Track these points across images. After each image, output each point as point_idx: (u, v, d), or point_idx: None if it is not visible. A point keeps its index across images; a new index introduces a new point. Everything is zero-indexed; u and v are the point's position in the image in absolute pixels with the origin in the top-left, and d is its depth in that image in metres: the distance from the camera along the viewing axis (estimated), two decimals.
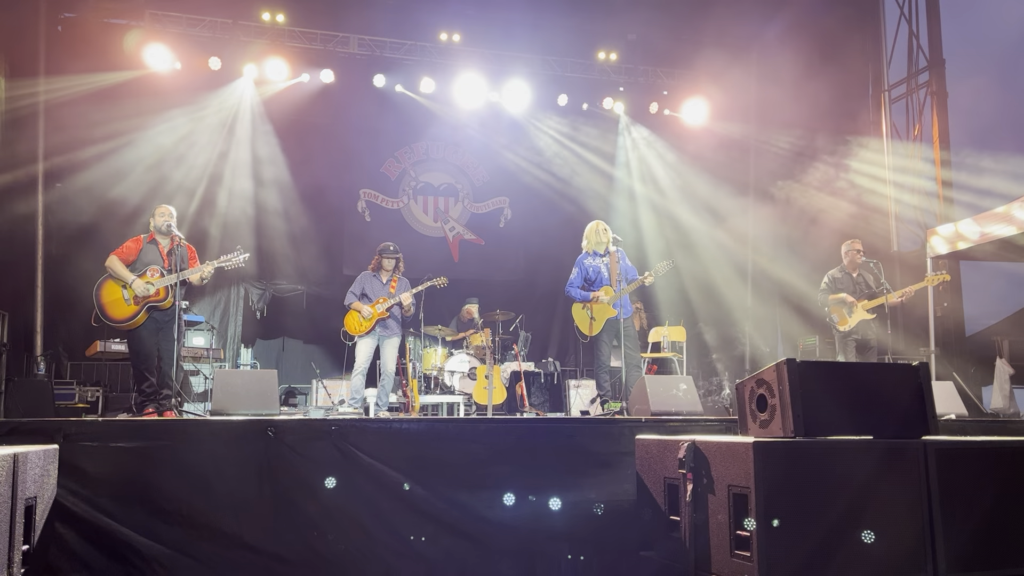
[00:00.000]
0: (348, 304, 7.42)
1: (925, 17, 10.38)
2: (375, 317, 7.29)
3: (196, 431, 4.29)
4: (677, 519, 3.56)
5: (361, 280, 7.54)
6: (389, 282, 7.47)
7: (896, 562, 3.19)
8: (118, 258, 5.97)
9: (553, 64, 11.10)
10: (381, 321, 7.31)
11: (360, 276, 7.59)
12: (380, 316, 7.29)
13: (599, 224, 7.04)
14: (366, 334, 7.30)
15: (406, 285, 7.55)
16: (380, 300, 7.34)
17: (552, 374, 9.66)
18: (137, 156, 9.45)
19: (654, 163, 11.83)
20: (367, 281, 7.50)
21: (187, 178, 9.73)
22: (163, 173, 9.60)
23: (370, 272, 7.55)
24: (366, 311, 7.30)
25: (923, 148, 10.25)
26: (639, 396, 5.63)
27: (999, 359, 8.82)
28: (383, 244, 7.62)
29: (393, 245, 7.59)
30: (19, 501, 3.19)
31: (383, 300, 7.33)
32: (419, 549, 4.17)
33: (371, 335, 7.32)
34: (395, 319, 7.43)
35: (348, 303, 7.42)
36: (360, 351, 7.33)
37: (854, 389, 3.49)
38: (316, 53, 10.25)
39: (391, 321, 7.38)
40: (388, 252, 7.50)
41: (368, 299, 7.40)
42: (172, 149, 9.75)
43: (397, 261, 7.53)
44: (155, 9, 9.67)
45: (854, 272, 7.74)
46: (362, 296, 7.43)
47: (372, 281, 7.49)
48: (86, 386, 8.36)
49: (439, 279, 7.63)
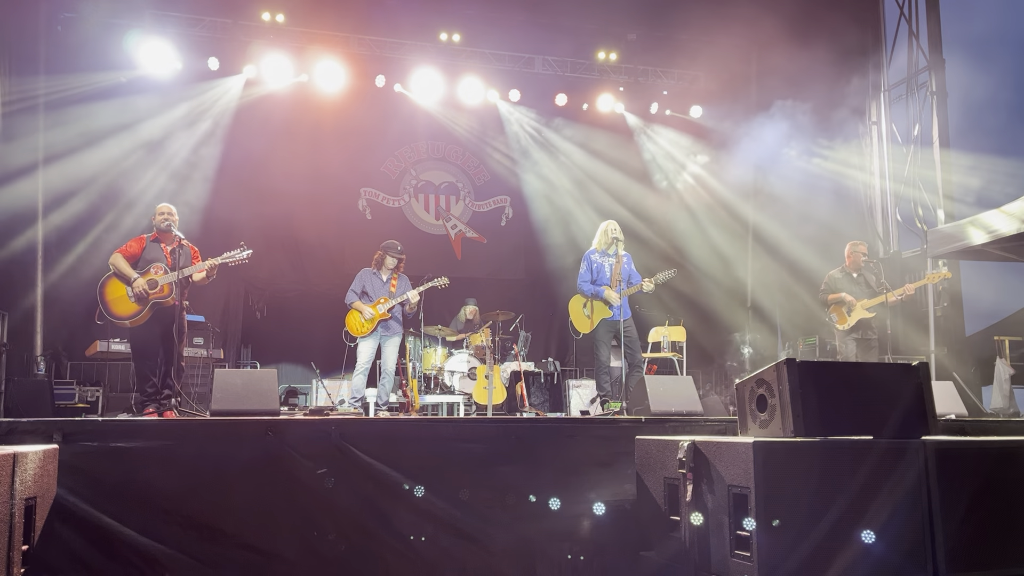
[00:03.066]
0: (349, 303, 7.39)
1: (925, 17, 10.37)
2: (377, 319, 7.27)
3: (196, 431, 4.29)
4: (677, 519, 3.56)
5: (361, 278, 7.49)
6: (389, 281, 7.44)
7: (896, 562, 3.19)
8: (122, 256, 5.96)
9: (553, 64, 11.11)
10: (383, 322, 7.29)
11: (360, 273, 7.54)
12: (382, 317, 7.27)
13: (610, 224, 7.07)
14: (368, 335, 7.29)
15: (406, 283, 7.52)
16: (381, 300, 7.32)
17: (552, 374, 9.66)
18: (137, 155, 9.45)
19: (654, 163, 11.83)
20: (368, 279, 7.46)
21: (187, 177, 9.72)
22: (163, 172, 9.60)
23: (371, 270, 7.51)
24: (367, 312, 7.28)
25: (923, 148, 10.24)
26: (639, 396, 5.63)
27: (999, 359, 8.81)
28: (389, 241, 7.58)
29: (400, 245, 7.57)
30: (19, 501, 3.20)
31: (384, 300, 7.31)
32: (419, 549, 4.17)
33: (372, 336, 7.30)
34: (396, 319, 7.42)
35: (349, 302, 7.39)
36: (362, 352, 7.31)
37: (854, 389, 3.50)
38: (316, 53, 10.25)
39: (392, 321, 7.36)
40: (394, 251, 7.47)
41: (369, 298, 7.37)
42: (172, 148, 9.75)
43: (400, 261, 7.51)
44: (155, 9, 9.67)
45: (855, 272, 7.75)
46: (362, 295, 7.40)
47: (373, 279, 7.46)
48: (86, 386, 8.36)
49: (440, 279, 7.61)
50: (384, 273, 7.47)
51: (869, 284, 7.68)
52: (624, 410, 5.99)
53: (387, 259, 7.44)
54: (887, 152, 10.84)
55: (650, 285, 6.70)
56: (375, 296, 7.36)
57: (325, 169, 10.66)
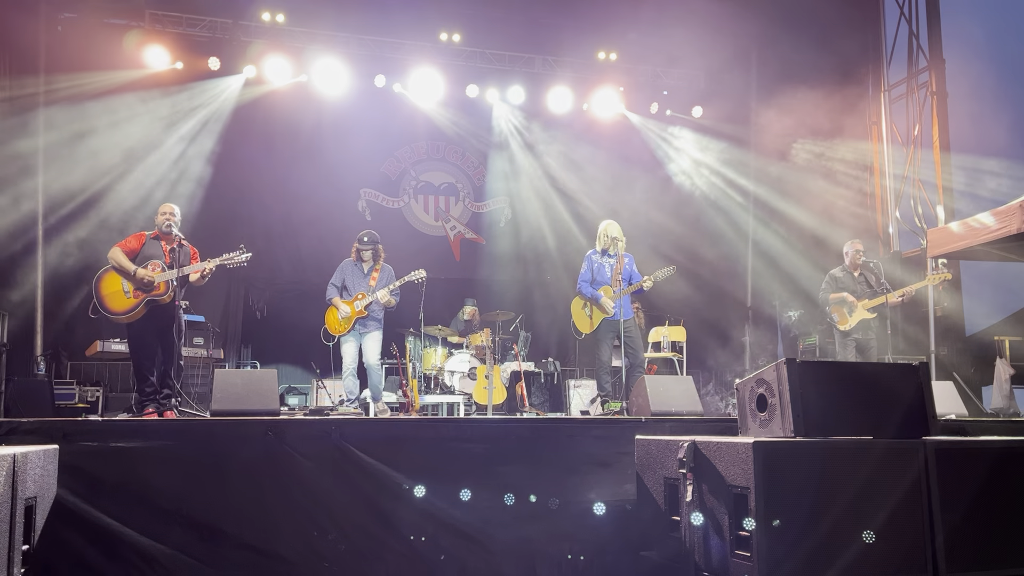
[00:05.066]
0: (329, 299, 7.22)
1: (925, 17, 10.37)
2: (353, 317, 7.07)
3: (196, 431, 4.29)
4: (677, 519, 3.56)
5: (342, 269, 7.31)
6: (370, 272, 7.23)
7: (896, 562, 3.19)
8: (121, 250, 5.96)
9: (553, 64, 11.11)
10: (360, 319, 7.09)
11: (342, 264, 7.35)
12: (359, 315, 7.07)
13: (609, 224, 7.07)
14: (347, 333, 7.10)
15: (389, 274, 7.31)
16: (359, 296, 7.10)
17: (552, 374, 9.66)
18: (137, 156, 9.44)
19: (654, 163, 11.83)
20: (348, 270, 7.27)
21: (186, 177, 9.72)
22: (162, 172, 9.59)
23: (351, 260, 7.32)
24: (343, 310, 7.08)
25: (923, 148, 10.24)
26: (639, 396, 5.63)
27: (999, 359, 8.80)
28: (361, 233, 7.36)
29: (368, 235, 7.32)
30: (19, 501, 3.20)
31: (362, 296, 7.09)
32: (419, 549, 4.17)
33: (352, 334, 7.12)
34: (374, 314, 7.18)
35: (329, 297, 7.22)
36: (346, 352, 7.13)
37: (854, 389, 3.50)
38: (316, 53, 10.25)
39: (370, 318, 7.14)
40: (363, 243, 7.25)
41: (348, 292, 7.18)
42: (171, 148, 9.74)
43: (375, 251, 7.28)
44: (155, 9, 9.68)
45: (856, 272, 7.75)
46: (343, 289, 7.22)
47: (353, 271, 7.27)
48: (86, 386, 8.36)
49: (416, 273, 7.26)
50: (365, 264, 7.27)
51: (870, 284, 7.68)
52: (624, 410, 6.00)
53: (362, 253, 7.25)
54: (887, 152, 10.85)
55: (649, 283, 6.72)
56: (354, 290, 7.16)
57: (325, 169, 10.65)
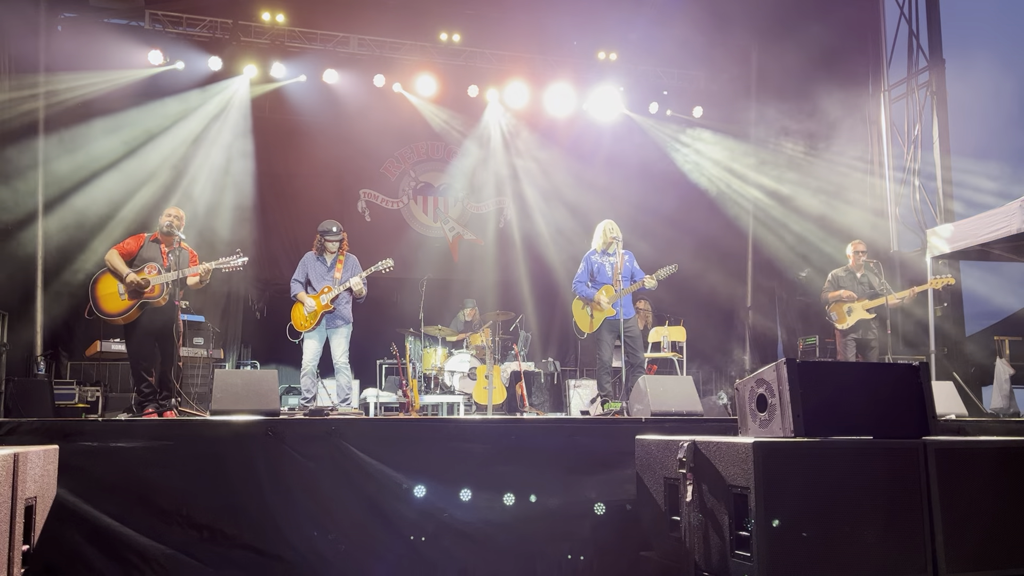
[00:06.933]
0: (295, 295, 6.85)
1: (925, 17, 10.38)
2: (319, 311, 6.70)
3: (196, 431, 4.29)
4: (677, 519, 3.56)
5: (304, 264, 6.94)
6: (334, 265, 6.87)
7: (896, 562, 3.19)
8: (118, 252, 5.97)
9: (553, 64, 11.10)
10: (326, 314, 6.73)
11: (303, 259, 6.98)
12: (325, 310, 6.71)
13: (608, 223, 7.05)
14: (312, 330, 6.74)
15: (354, 265, 6.98)
16: (324, 290, 6.75)
17: (552, 374, 9.66)
18: (137, 156, 9.44)
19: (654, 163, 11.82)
20: (311, 265, 6.91)
21: (186, 178, 9.72)
22: (162, 172, 9.58)
23: (313, 254, 6.95)
24: (309, 304, 6.71)
25: (923, 148, 10.25)
26: (639, 396, 5.63)
27: (999, 359, 8.82)
28: (323, 225, 6.95)
29: (336, 226, 6.94)
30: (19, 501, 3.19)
31: (327, 290, 6.73)
32: (419, 549, 4.17)
33: (317, 331, 6.77)
34: (341, 310, 6.80)
35: (294, 293, 6.85)
36: (307, 349, 6.77)
37: (854, 389, 3.50)
38: (316, 53, 10.25)
39: (337, 314, 6.77)
40: (331, 234, 6.86)
41: (313, 287, 6.83)
42: (171, 148, 9.73)
43: (341, 242, 6.92)
44: (155, 9, 9.68)
45: (858, 272, 7.77)
46: (307, 284, 6.86)
47: (316, 265, 6.90)
48: (86, 386, 8.35)
49: (384, 262, 6.91)
50: (328, 257, 6.90)
51: (872, 285, 7.70)
52: (624, 410, 5.99)
53: (328, 244, 6.88)
54: (887, 152, 10.85)
55: (652, 281, 6.68)
56: (319, 285, 6.80)
57: (324, 170, 10.65)
